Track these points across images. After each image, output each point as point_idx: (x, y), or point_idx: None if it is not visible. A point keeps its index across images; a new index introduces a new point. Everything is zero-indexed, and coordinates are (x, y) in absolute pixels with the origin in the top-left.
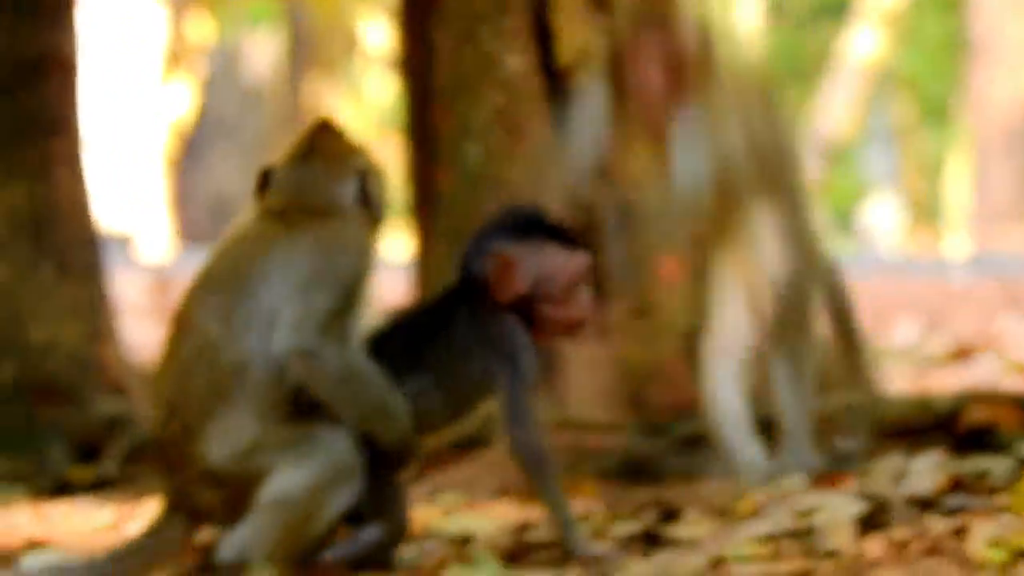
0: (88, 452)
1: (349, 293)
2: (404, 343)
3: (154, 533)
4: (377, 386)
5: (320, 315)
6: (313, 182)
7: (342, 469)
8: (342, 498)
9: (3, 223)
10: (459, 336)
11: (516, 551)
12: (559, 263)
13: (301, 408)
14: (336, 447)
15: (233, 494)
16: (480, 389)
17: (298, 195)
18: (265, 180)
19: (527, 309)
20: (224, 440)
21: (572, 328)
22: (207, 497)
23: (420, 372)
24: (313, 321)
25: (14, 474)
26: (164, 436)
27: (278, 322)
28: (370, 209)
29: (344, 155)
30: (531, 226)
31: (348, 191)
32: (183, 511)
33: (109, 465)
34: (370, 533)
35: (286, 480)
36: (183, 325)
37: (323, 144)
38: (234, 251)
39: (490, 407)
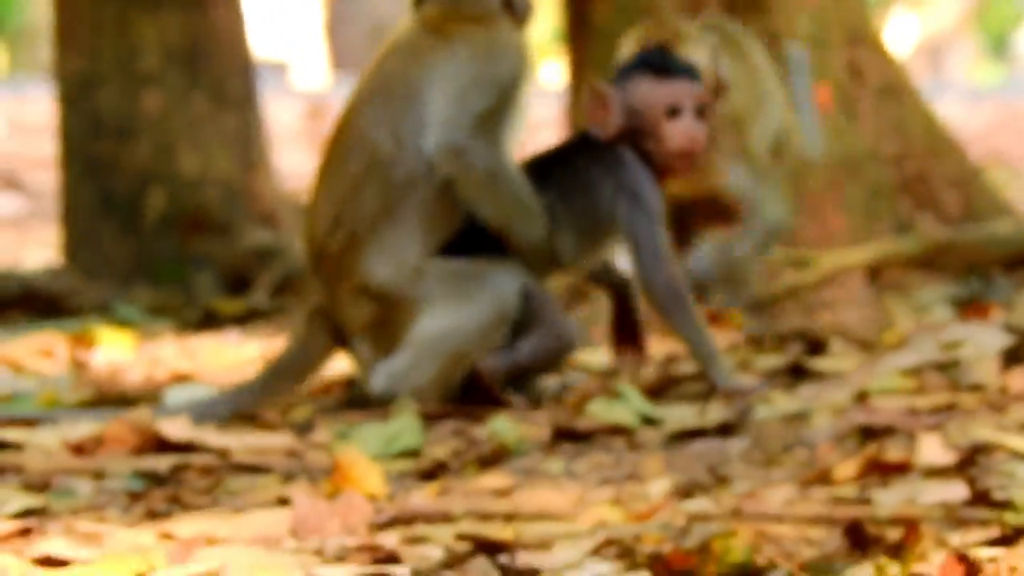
0: (237, 284)
1: (504, 97)
2: (530, 176)
3: (297, 348)
4: (520, 187)
5: (472, 115)
6: None
7: (504, 312)
8: (498, 337)
9: (157, 52)
10: (581, 172)
11: (660, 385)
12: (649, 94)
13: (471, 243)
14: (503, 289)
15: (385, 314)
16: (605, 225)
17: (450, 2)
18: None
19: (640, 147)
20: (388, 257)
21: (679, 161)
22: (359, 313)
23: (543, 200)
24: (465, 120)
25: (162, 306)
26: (326, 246)
27: (431, 121)
28: (514, 12)
29: None
30: (643, 62)
31: None
32: (328, 327)
33: (258, 297)
34: (529, 344)
35: (446, 317)
36: (350, 136)
37: None
38: (395, 62)
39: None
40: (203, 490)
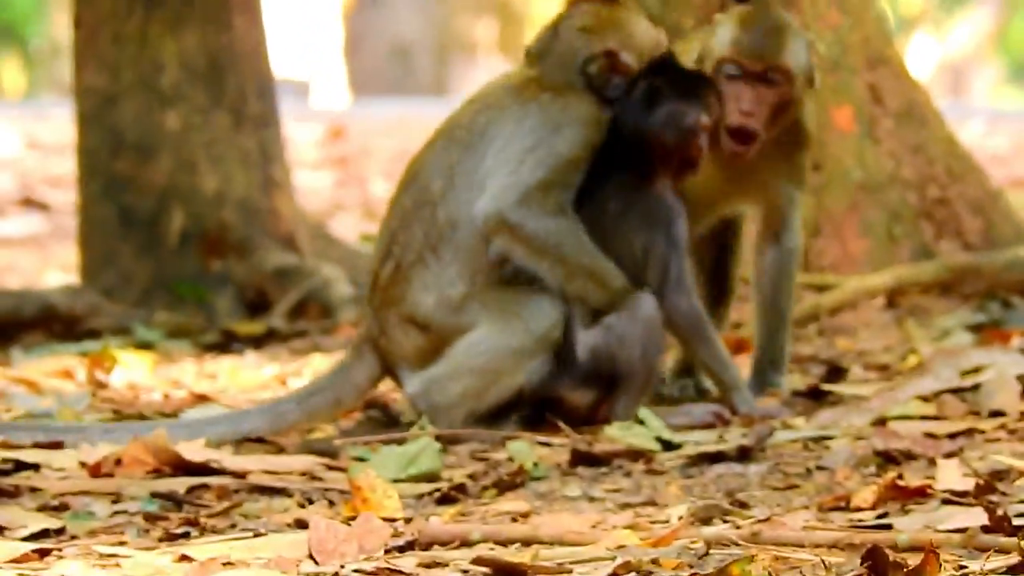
0: (256, 305)
1: (563, 169)
2: None
3: (343, 371)
4: (580, 253)
5: (523, 186)
6: (556, 55)
7: (542, 340)
8: (534, 368)
9: (178, 71)
10: (614, 210)
11: None
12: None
13: (519, 273)
14: (544, 317)
15: (431, 343)
16: (637, 261)
17: (543, 67)
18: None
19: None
20: (432, 291)
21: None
22: (406, 342)
23: None
24: (515, 190)
25: (182, 328)
26: (378, 275)
27: (485, 187)
28: (597, 88)
29: (590, 32)
30: (696, 83)
31: (584, 68)
32: (376, 353)
33: (277, 319)
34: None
35: (486, 336)
36: (414, 172)
37: (573, 19)
38: (470, 108)
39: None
40: (220, 512)
